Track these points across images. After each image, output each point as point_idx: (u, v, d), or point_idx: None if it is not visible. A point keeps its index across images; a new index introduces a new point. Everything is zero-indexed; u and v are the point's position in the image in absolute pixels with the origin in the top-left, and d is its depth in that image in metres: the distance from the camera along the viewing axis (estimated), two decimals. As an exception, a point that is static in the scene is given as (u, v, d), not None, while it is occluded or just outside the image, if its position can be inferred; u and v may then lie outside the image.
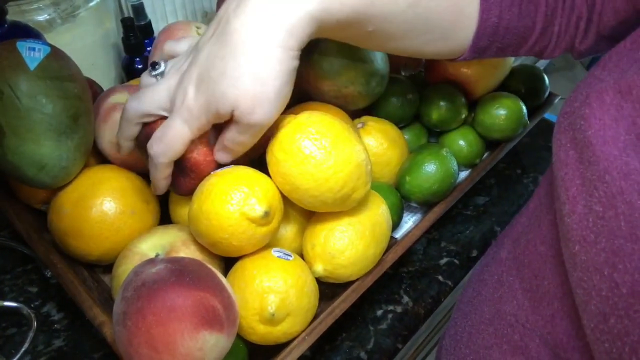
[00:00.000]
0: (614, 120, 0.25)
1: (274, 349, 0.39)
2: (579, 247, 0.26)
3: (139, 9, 0.63)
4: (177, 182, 0.39)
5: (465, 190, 0.54)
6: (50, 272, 0.49)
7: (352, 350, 0.46)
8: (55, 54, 0.42)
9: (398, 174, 0.52)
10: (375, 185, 0.47)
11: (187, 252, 0.40)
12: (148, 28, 0.65)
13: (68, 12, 0.57)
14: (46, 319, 0.47)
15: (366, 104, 0.53)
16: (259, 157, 0.40)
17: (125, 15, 0.68)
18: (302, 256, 0.42)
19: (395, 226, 0.49)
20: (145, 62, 0.63)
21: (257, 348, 0.40)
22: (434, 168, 0.49)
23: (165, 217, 0.47)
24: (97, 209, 0.42)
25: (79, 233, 0.41)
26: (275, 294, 0.37)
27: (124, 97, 0.47)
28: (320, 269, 0.41)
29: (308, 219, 0.44)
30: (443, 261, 0.54)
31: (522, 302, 0.36)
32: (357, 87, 0.49)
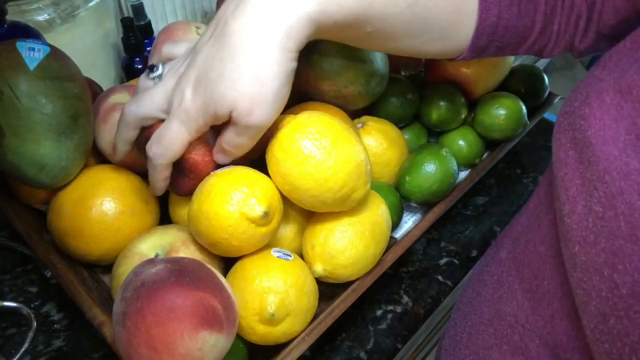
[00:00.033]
0: (614, 120, 0.25)
1: (274, 349, 0.39)
2: (579, 247, 0.26)
3: (139, 9, 0.63)
4: (176, 182, 0.39)
5: (465, 190, 0.54)
6: (50, 272, 0.49)
7: (351, 350, 0.46)
8: (55, 54, 0.42)
9: (398, 174, 0.52)
10: (375, 185, 0.47)
11: (187, 252, 0.40)
12: (148, 28, 0.65)
13: (68, 12, 0.57)
14: (46, 319, 0.47)
15: (366, 104, 0.53)
16: (258, 157, 0.40)
17: (125, 15, 0.68)
18: (301, 256, 0.42)
19: (395, 226, 0.49)
20: (145, 62, 0.63)
21: (257, 348, 0.40)
22: (434, 168, 0.49)
23: (165, 217, 0.47)
24: (97, 209, 0.42)
25: (79, 233, 0.41)
26: (274, 294, 0.37)
27: (123, 97, 0.47)
28: (320, 269, 0.41)
29: (308, 219, 0.44)
30: (443, 261, 0.54)
31: (521, 302, 0.36)
32: (357, 87, 0.49)
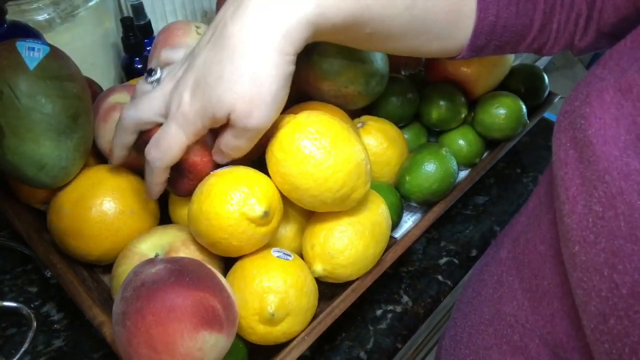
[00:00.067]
0: (614, 119, 0.25)
1: (274, 349, 0.39)
2: (579, 247, 0.26)
3: (139, 8, 0.63)
4: (176, 183, 0.39)
5: (464, 189, 0.54)
6: (50, 272, 0.49)
7: (351, 350, 0.46)
8: (55, 54, 0.42)
9: (398, 173, 0.52)
10: (375, 185, 0.47)
11: (187, 252, 0.40)
12: (147, 28, 0.65)
13: (67, 11, 0.57)
14: (46, 319, 0.47)
15: (366, 104, 0.53)
16: (258, 157, 0.40)
17: (125, 14, 0.68)
18: (301, 256, 0.42)
19: (394, 226, 0.49)
20: (145, 61, 0.63)
21: (257, 348, 0.40)
22: (434, 167, 0.49)
23: (165, 217, 0.47)
24: (97, 209, 0.42)
25: (79, 233, 0.41)
26: (274, 294, 0.37)
27: (123, 96, 0.47)
28: (319, 268, 0.41)
29: (308, 218, 0.44)
30: (442, 261, 0.54)
31: (521, 302, 0.36)
32: (357, 87, 0.49)
